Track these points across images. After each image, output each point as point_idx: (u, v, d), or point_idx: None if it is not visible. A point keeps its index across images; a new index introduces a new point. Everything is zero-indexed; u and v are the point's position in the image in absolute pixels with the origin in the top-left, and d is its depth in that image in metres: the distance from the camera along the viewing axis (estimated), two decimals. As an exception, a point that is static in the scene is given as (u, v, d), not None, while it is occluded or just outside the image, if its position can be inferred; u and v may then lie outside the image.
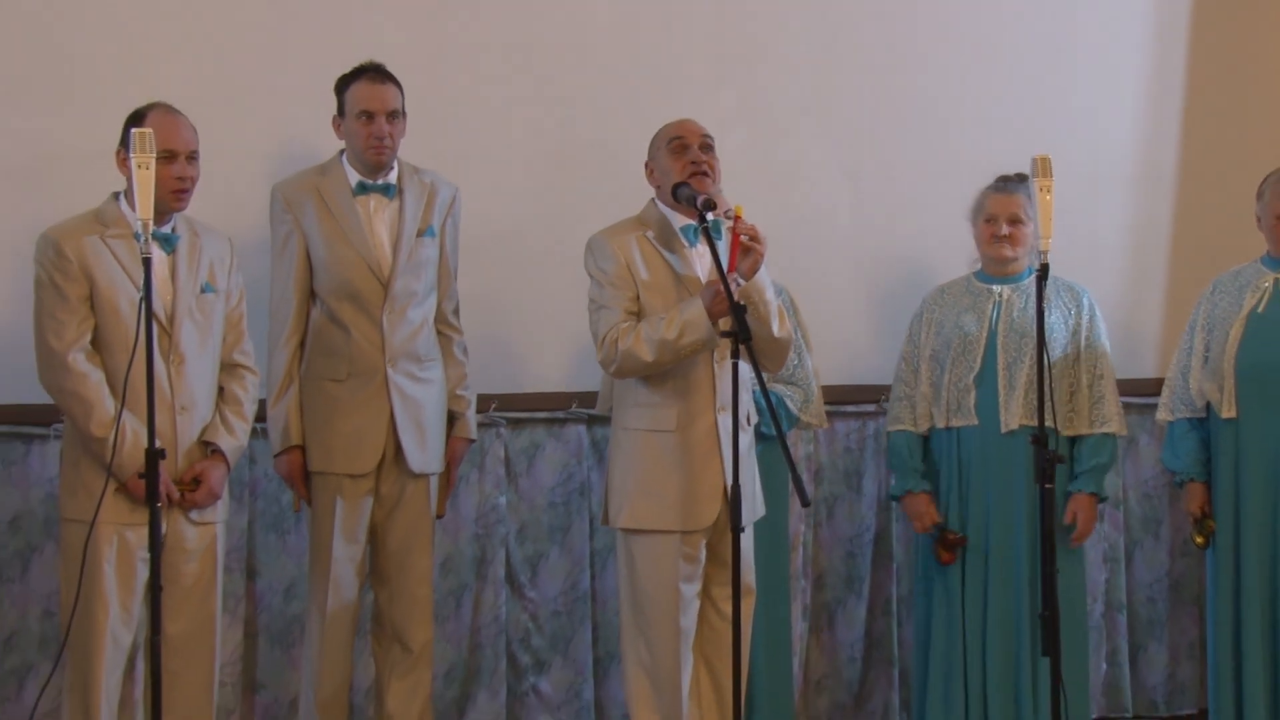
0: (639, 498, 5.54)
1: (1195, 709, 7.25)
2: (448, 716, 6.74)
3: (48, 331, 5.56)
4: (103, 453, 5.47)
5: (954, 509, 6.26)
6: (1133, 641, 7.32)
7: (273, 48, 6.58)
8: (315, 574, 6.08)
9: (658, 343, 5.39)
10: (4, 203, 6.25)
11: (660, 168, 5.61)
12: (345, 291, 6.00)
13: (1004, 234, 6.26)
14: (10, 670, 6.36)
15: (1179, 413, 6.26)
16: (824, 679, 7.11)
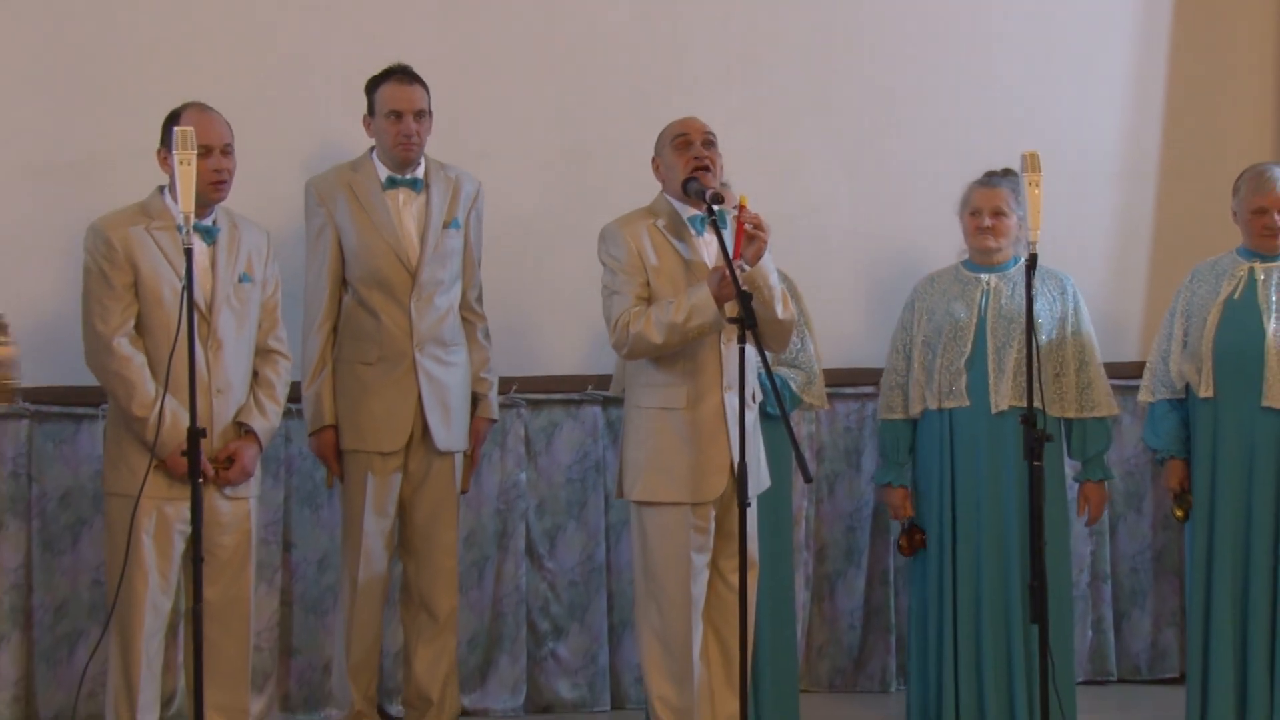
0: (651, 472, 5.53)
1: (1176, 673, 7.21)
2: (472, 680, 6.76)
3: (94, 316, 5.57)
4: (143, 432, 5.48)
5: (946, 485, 6.23)
6: (1117, 610, 7.30)
7: (306, 52, 6.59)
8: (347, 546, 6.09)
9: (667, 325, 5.38)
10: (56, 197, 6.28)
11: (666, 163, 5.60)
12: (375, 280, 6.00)
13: (987, 225, 6.24)
14: (62, 635, 6.39)
15: (1159, 394, 6.23)
16: (825, 645, 7.12)
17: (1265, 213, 6.09)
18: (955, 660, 6.22)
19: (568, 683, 6.86)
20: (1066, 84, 7.24)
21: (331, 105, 6.45)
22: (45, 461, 6.37)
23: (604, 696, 6.87)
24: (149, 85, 6.24)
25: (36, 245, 6.14)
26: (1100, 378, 6.26)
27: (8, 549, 6.33)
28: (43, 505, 6.37)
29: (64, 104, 6.37)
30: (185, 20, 6.47)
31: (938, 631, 6.27)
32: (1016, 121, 7.05)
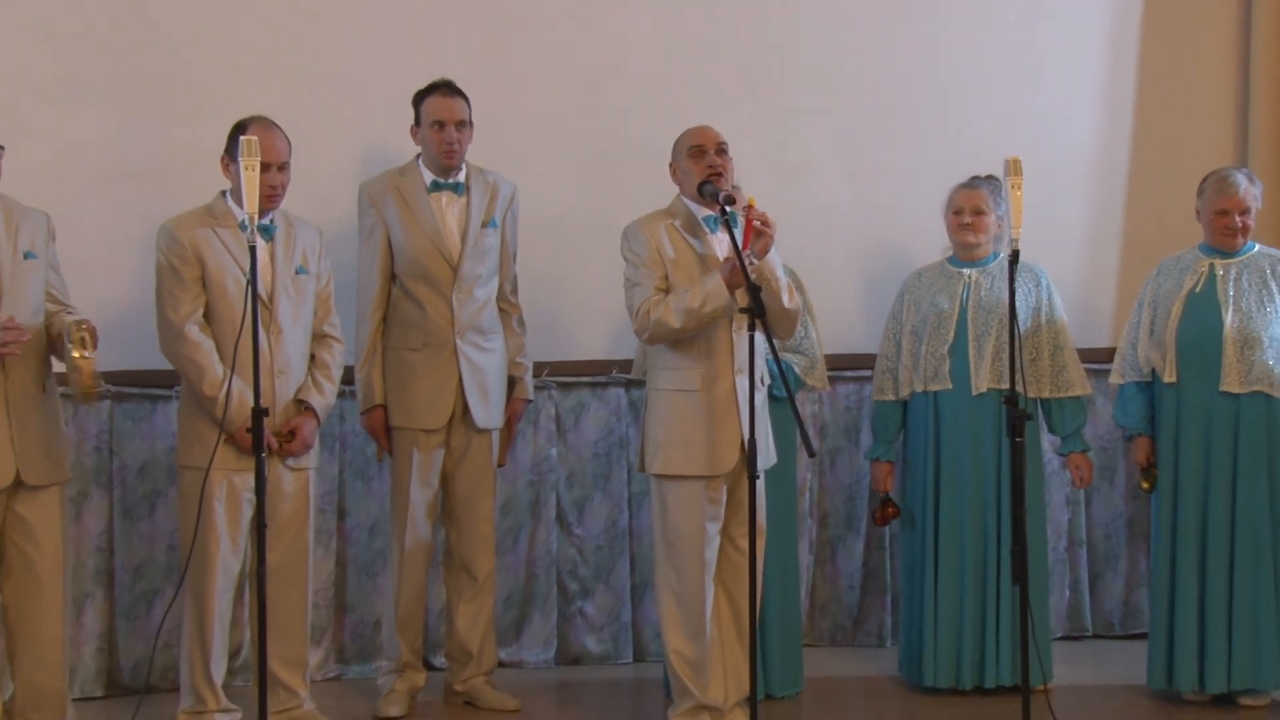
0: (669, 448, 5.52)
1: (1146, 629, 7.15)
2: (508, 635, 6.77)
3: (166, 307, 5.60)
4: (213, 410, 5.50)
5: (931, 461, 6.23)
6: (1092, 572, 7.27)
7: (358, 67, 6.59)
8: (395, 514, 6.10)
9: (683, 311, 5.37)
10: (131, 200, 6.27)
11: (682, 169, 5.59)
12: (421, 274, 6.01)
13: (967, 223, 6.24)
14: (140, 594, 6.41)
15: (1129, 377, 6.21)
16: (827, 604, 7.10)
17: (1227, 214, 6.07)
18: (936, 618, 6.21)
19: (594, 638, 6.86)
20: (1044, 95, 7.20)
21: (381, 116, 6.43)
22: (125, 437, 6.38)
23: (627, 650, 6.86)
24: (214, 99, 6.25)
25: (114, 244, 6.14)
26: (1073, 361, 6.26)
27: (92, 516, 6.34)
28: (123, 477, 6.39)
29: (137, 116, 6.36)
30: (249, 39, 6.47)
31: (921, 592, 6.27)
32: (998, 130, 7.00)
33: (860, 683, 6.56)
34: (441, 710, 6.17)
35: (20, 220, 5.35)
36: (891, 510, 6.38)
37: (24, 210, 5.40)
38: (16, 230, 5.33)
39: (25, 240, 5.34)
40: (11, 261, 5.28)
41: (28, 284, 5.32)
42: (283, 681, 5.73)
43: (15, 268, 5.29)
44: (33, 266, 5.34)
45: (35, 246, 5.36)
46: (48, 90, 6.23)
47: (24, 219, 5.37)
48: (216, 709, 5.68)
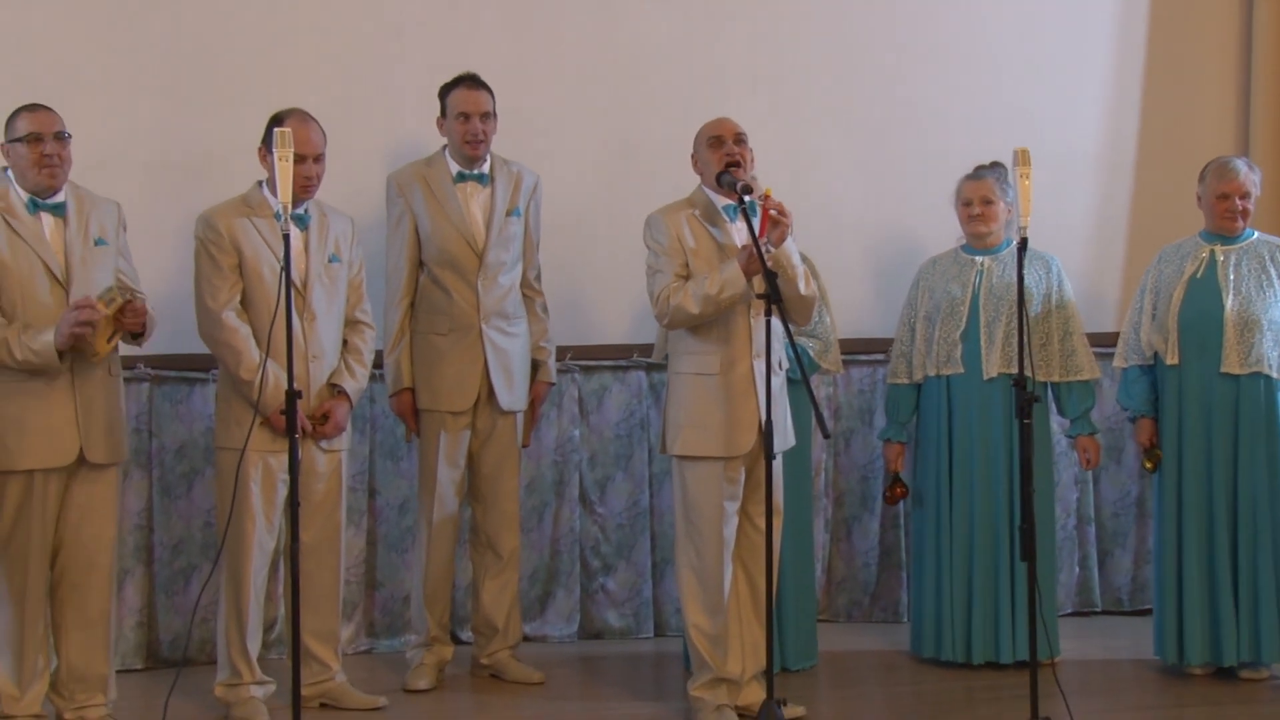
0: (689, 429, 5.51)
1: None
2: (533, 610, 6.78)
3: (204, 294, 5.62)
4: (249, 393, 5.51)
5: (944, 442, 6.23)
6: (1101, 549, 7.26)
7: (388, 61, 6.60)
8: (423, 493, 6.11)
9: (702, 297, 5.36)
10: (172, 190, 6.30)
11: (702, 159, 5.58)
12: (447, 261, 6.02)
13: (977, 213, 6.23)
14: (179, 569, 6.43)
15: (1131, 360, 6.21)
16: (844, 581, 7.09)
17: (1228, 198, 6.06)
18: (951, 595, 6.21)
19: (616, 613, 6.87)
20: (1051, 87, 7.18)
21: (409, 109, 6.45)
22: (163, 419, 6.40)
23: (648, 625, 6.87)
24: (251, 92, 6.27)
25: (154, 232, 6.13)
26: (1083, 346, 6.26)
27: (132, 495, 6.35)
28: (161, 457, 6.40)
29: (176, 109, 6.38)
30: (284, 36, 6.49)
31: (935, 569, 6.27)
32: (1006, 120, 6.99)
33: (874, 656, 6.56)
34: (468, 683, 6.18)
35: (92, 209, 5.39)
36: (901, 489, 6.39)
37: (95, 199, 5.44)
38: (88, 218, 5.36)
39: (96, 228, 5.37)
40: (82, 248, 5.32)
41: (98, 270, 5.35)
42: (315, 655, 5.75)
43: (86, 254, 5.33)
44: (103, 253, 5.38)
45: (106, 234, 5.39)
46: (93, 85, 6.24)
47: (95, 207, 5.41)
48: (252, 681, 5.68)
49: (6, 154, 5.33)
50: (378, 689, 5.95)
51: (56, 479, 5.29)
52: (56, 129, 5.29)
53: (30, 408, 5.22)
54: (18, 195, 5.31)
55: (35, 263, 5.26)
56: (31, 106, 5.32)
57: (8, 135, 5.32)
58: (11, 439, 5.22)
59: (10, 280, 5.24)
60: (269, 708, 5.66)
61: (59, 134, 5.29)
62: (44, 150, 5.26)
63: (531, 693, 6.07)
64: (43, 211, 5.32)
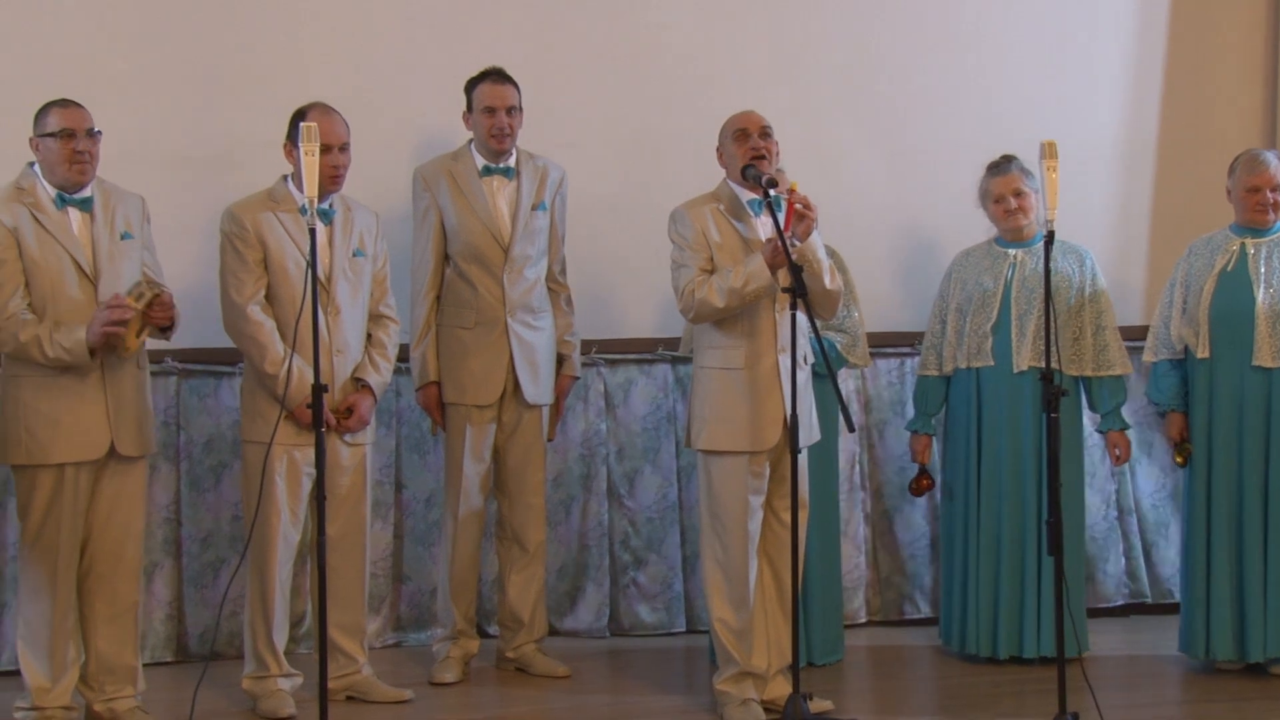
0: (714, 424, 5.42)
1: None
2: (563, 605, 6.68)
3: (230, 287, 5.59)
4: (274, 387, 5.48)
5: (973, 435, 6.13)
6: (1145, 540, 7.10)
7: (413, 56, 6.55)
8: (449, 487, 6.05)
9: (727, 291, 5.28)
10: (196, 185, 6.25)
11: (727, 152, 5.49)
12: (473, 255, 5.95)
13: (1013, 208, 6.12)
14: (207, 563, 6.37)
15: (1161, 354, 6.10)
16: (890, 575, 6.93)
17: (1258, 191, 5.94)
18: (978, 588, 6.11)
19: (647, 607, 6.74)
20: (1073, 78, 7.09)
21: (435, 103, 6.38)
22: (191, 412, 6.34)
23: (680, 619, 6.73)
24: (275, 88, 6.19)
25: (180, 227, 6.08)
26: (1115, 340, 6.14)
27: (160, 488, 6.30)
28: (189, 450, 6.34)
29: (201, 104, 6.34)
30: (308, 31, 6.44)
31: (963, 563, 6.18)
32: (1028, 112, 6.90)
33: (901, 651, 6.47)
34: (494, 676, 6.11)
35: (117, 203, 5.35)
36: (926, 482, 6.31)
37: (120, 193, 5.39)
38: (114, 213, 5.31)
39: (122, 222, 5.33)
40: (109, 242, 5.27)
41: (125, 264, 5.30)
42: (342, 648, 5.69)
43: (113, 248, 5.28)
44: (130, 247, 5.34)
45: (132, 228, 5.35)
46: (118, 80, 6.19)
47: (120, 201, 5.36)
48: (279, 673, 5.64)
49: (36, 148, 5.27)
50: (404, 682, 5.89)
51: (86, 472, 5.25)
52: (88, 125, 5.24)
53: (62, 402, 5.19)
54: (45, 191, 5.26)
55: (64, 258, 5.21)
56: (63, 102, 5.27)
57: (38, 130, 5.26)
58: (43, 433, 5.19)
59: (40, 276, 5.19)
60: (296, 700, 5.60)
61: (90, 130, 5.24)
62: (76, 147, 5.21)
63: (557, 686, 5.99)
64: (70, 207, 5.28)
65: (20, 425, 5.19)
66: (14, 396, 5.22)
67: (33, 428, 5.17)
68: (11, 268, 5.16)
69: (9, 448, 5.23)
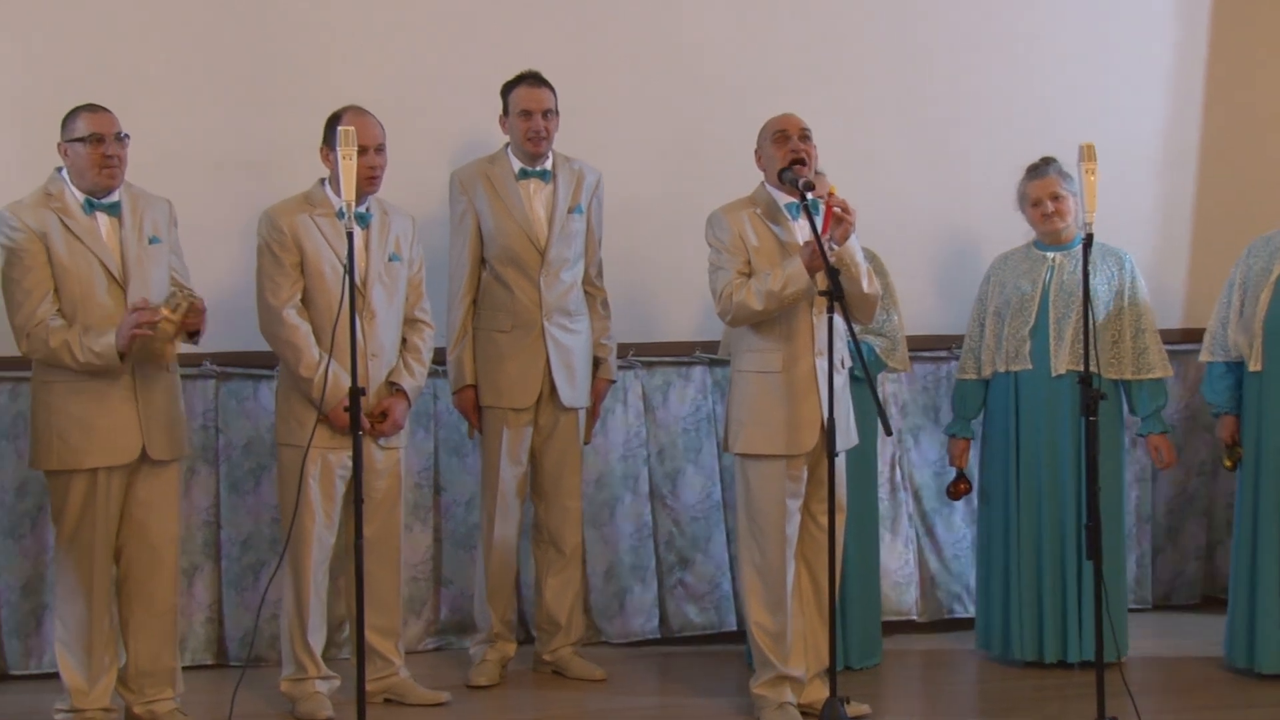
0: (751, 427, 5.38)
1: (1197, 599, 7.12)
2: (611, 606, 6.60)
3: (266, 291, 5.57)
4: (309, 390, 5.46)
5: (1011, 439, 6.06)
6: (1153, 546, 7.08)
7: (451, 60, 6.51)
8: (486, 490, 6.03)
9: (765, 294, 5.24)
10: (233, 189, 6.22)
11: (766, 155, 5.44)
12: (509, 258, 5.92)
13: (1050, 211, 6.04)
14: (247, 565, 6.35)
15: (1217, 355, 6.00)
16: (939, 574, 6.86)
17: None
18: (1019, 591, 6.04)
19: (695, 607, 6.67)
20: (1114, 80, 7.01)
21: (472, 106, 6.34)
22: (229, 415, 6.31)
23: (729, 619, 6.65)
24: (312, 91, 6.16)
25: (218, 231, 6.08)
26: (1155, 343, 6.04)
27: (199, 491, 6.28)
28: (228, 453, 6.31)
29: (238, 108, 6.31)
30: (344, 35, 6.42)
31: (1003, 566, 6.11)
32: (1068, 115, 6.82)
33: (938, 655, 6.41)
34: (530, 679, 6.08)
35: (145, 207, 5.33)
36: (964, 486, 6.25)
37: (148, 197, 5.38)
38: (141, 217, 5.30)
39: (149, 226, 5.31)
40: (137, 247, 5.25)
41: (153, 268, 5.28)
42: (378, 650, 5.67)
43: (141, 252, 5.26)
44: (157, 251, 5.32)
45: (159, 232, 5.33)
46: (156, 85, 6.18)
47: (148, 206, 5.35)
48: (316, 676, 5.62)
49: (64, 153, 5.26)
50: (441, 685, 5.85)
51: (119, 476, 5.25)
52: (116, 130, 5.23)
53: (92, 407, 5.18)
54: (73, 196, 5.25)
55: (93, 263, 5.20)
56: (91, 107, 5.26)
57: (65, 135, 5.24)
58: (75, 438, 5.18)
59: (69, 281, 5.18)
60: (334, 703, 5.58)
61: (119, 134, 5.23)
62: (105, 151, 5.19)
63: (594, 689, 5.95)
64: (98, 211, 5.26)
65: (52, 431, 5.19)
66: (45, 402, 5.22)
67: (65, 433, 5.17)
68: (40, 274, 5.15)
69: (42, 453, 5.23)
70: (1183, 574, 7.12)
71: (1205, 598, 7.10)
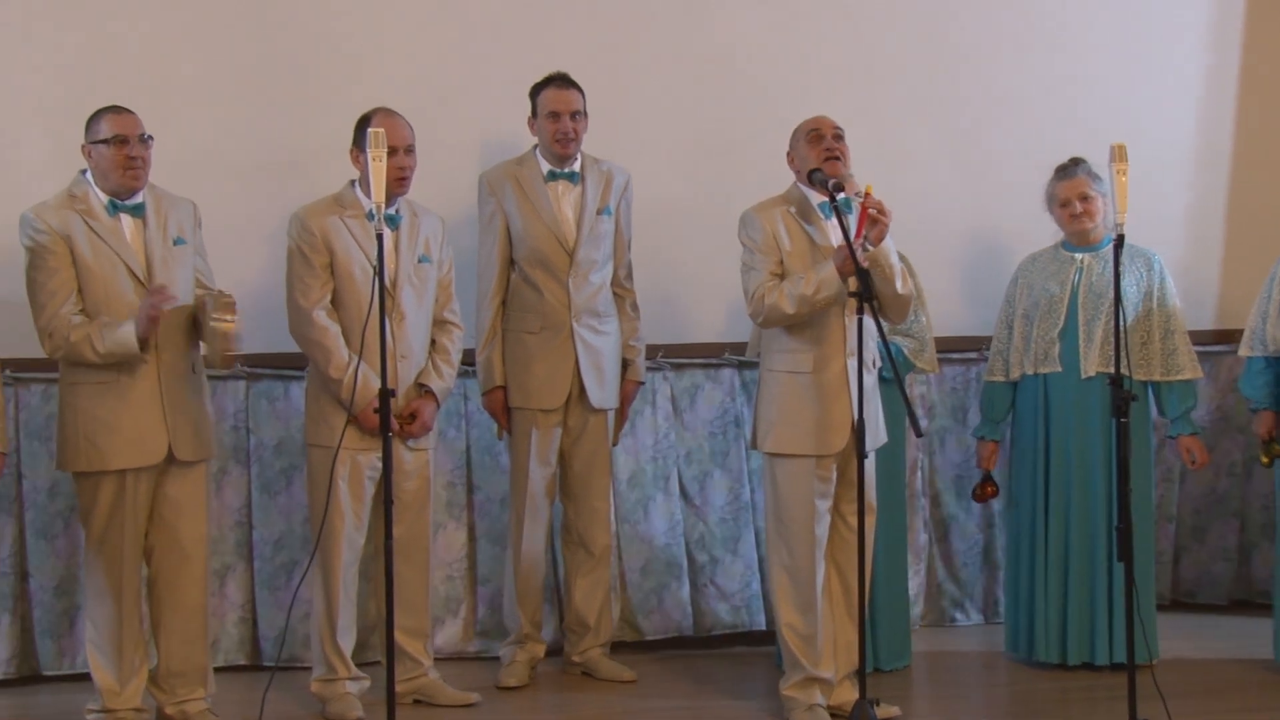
0: (781, 427, 5.38)
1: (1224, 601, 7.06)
2: (648, 602, 6.59)
3: (296, 292, 5.59)
4: (339, 391, 5.47)
5: (1040, 441, 6.04)
6: (1177, 544, 7.06)
7: (480, 62, 6.52)
8: (515, 491, 6.04)
9: (797, 297, 5.23)
10: (263, 191, 6.23)
11: (799, 155, 5.44)
12: (538, 260, 5.93)
13: (1079, 212, 6.02)
14: (280, 565, 6.36)
15: (1257, 350, 5.96)
16: (944, 582, 6.88)
17: None
18: (1045, 594, 6.02)
19: (727, 606, 6.66)
20: (1146, 81, 7.00)
21: (499, 108, 6.35)
22: (260, 416, 6.32)
23: (760, 618, 6.64)
24: (341, 94, 6.18)
25: (248, 232, 6.10)
26: (1184, 344, 6.01)
27: (231, 491, 6.30)
28: (260, 454, 6.32)
29: (268, 110, 6.33)
30: (374, 37, 6.43)
31: (1029, 568, 6.09)
32: (1101, 116, 6.82)
33: (968, 657, 6.39)
34: (560, 680, 6.08)
35: (169, 208, 5.35)
36: (991, 489, 6.23)
37: (173, 199, 5.40)
38: (166, 218, 5.32)
39: (174, 227, 5.33)
40: (162, 248, 5.27)
41: (178, 269, 5.31)
42: (407, 652, 5.68)
43: (166, 253, 5.28)
44: (182, 252, 5.34)
45: (184, 233, 5.35)
46: (188, 89, 6.20)
47: (173, 207, 5.37)
48: (346, 677, 5.64)
49: (88, 155, 5.28)
50: (470, 686, 5.86)
51: (147, 478, 5.27)
52: (140, 131, 5.25)
53: (118, 409, 5.21)
54: (97, 197, 5.28)
55: (117, 264, 5.23)
56: (114, 108, 5.28)
57: (89, 137, 5.27)
58: (102, 439, 5.21)
59: (93, 282, 5.21)
60: (364, 703, 5.58)
61: (143, 136, 5.25)
62: (129, 153, 5.22)
63: (623, 691, 5.96)
64: (122, 213, 5.29)
65: (79, 433, 5.22)
66: (71, 404, 5.25)
67: (91, 435, 5.20)
68: (64, 276, 5.18)
69: (69, 455, 5.26)
70: (1208, 574, 7.09)
71: (1235, 601, 7.06)
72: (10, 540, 6.08)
